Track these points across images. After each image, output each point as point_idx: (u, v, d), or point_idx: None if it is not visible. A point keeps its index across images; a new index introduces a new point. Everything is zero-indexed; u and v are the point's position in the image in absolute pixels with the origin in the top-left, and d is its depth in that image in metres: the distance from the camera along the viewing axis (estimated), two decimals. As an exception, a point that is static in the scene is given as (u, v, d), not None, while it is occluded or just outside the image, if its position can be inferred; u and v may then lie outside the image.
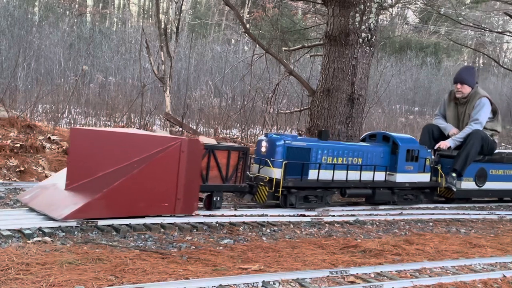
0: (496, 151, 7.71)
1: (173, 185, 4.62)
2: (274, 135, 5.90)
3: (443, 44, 31.45)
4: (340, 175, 6.03)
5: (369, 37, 7.90)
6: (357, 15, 7.82)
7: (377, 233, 5.20)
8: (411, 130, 18.31)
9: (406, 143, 6.60)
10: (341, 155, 6.12)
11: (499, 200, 8.02)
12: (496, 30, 23.66)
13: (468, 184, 7.33)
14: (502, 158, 7.76)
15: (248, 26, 12.31)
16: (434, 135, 7.71)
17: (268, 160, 5.66)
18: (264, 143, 5.85)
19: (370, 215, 5.88)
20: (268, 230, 4.80)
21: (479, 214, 6.74)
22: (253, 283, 3.22)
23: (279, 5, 16.91)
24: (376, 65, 16.26)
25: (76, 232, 4.05)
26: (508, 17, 17.01)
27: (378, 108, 17.42)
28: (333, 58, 8.01)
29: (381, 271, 3.73)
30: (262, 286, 3.22)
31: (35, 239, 3.78)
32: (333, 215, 5.63)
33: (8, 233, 3.78)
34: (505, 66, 22.45)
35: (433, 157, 7.15)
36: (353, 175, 6.15)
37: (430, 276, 3.75)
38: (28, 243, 3.68)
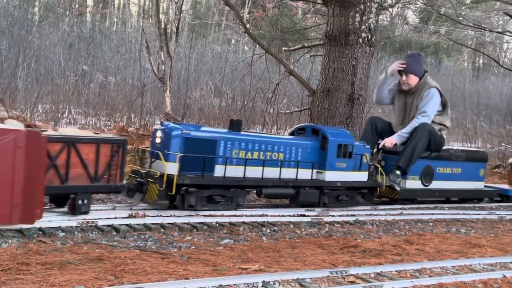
0: (444, 147, 7.15)
1: (7, 189, 3.66)
2: (172, 124, 5.13)
3: (443, 44, 31.45)
4: (254, 172, 5.33)
5: (369, 37, 7.90)
6: (357, 15, 7.82)
7: (377, 233, 5.20)
8: (411, 130, 18.29)
9: (337, 137, 5.88)
10: (257, 149, 5.40)
11: (446, 201, 7.50)
12: (496, 30, 23.64)
13: (413, 183, 6.76)
14: (451, 155, 7.17)
15: (248, 26, 12.30)
16: (377, 128, 6.99)
17: (160, 153, 4.90)
18: (159, 134, 5.06)
19: (370, 215, 5.88)
20: (268, 230, 4.80)
21: (479, 214, 6.74)
22: (253, 283, 3.21)
23: (279, 5, 16.91)
24: (376, 65, 16.25)
25: (76, 232, 4.05)
26: (508, 17, 17.01)
27: (378, 108, 17.39)
28: (333, 58, 8.01)
29: (381, 271, 3.73)
30: (262, 286, 3.22)
31: (35, 239, 3.78)
32: (333, 215, 5.63)
33: (8, 233, 3.78)
34: (505, 66, 22.43)
35: (375, 153, 6.69)
36: (272, 172, 5.47)
37: (430, 276, 3.75)
38: (28, 243, 3.68)
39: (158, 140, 5.05)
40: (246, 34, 11.75)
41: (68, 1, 27.53)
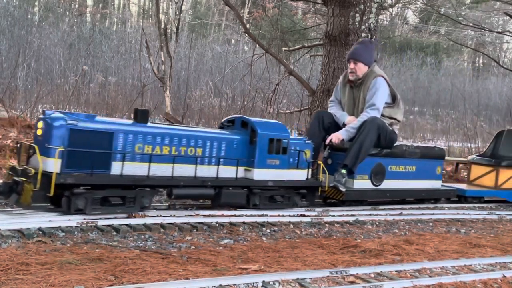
0: (397, 143, 6.60)
1: None
2: (57, 113, 4.41)
3: (443, 44, 31.47)
4: (163, 169, 4.66)
5: (369, 37, 7.90)
6: (357, 15, 7.83)
7: (377, 233, 5.20)
8: (411, 130, 18.33)
9: (268, 131, 5.25)
10: (168, 144, 4.74)
11: (401, 201, 6.98)
12: (496, 30, 23.67)
13: (362, 183, 6.19)
14: (404, 152, 6.61)
15: (248, 26, 12.31)
16: (325, 124, 6.37)
17: (36, 147, 4.19)
18: (40, 124, 4.35)
19: (370, 215, 5.88)
20: (268, 230, 4.80)
21: (479, 214, 6.73)
22: (253, 283, 3.21)
23: (279, 5, 16.91)
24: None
25: (76, 232, 4.05)
26: (508, 17, 17.01)
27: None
28: (333, 58, 8.02)
29: (381, 271, 3.73)
30: (262, 286, 3.22)
31: (35, 239, 3.78)
32: (333, 215, 5.63)
33: (8, 233, 3.78)
34: (505, 66, 22.45)
35: (322, 150, 6.20)
36: (185, 170, 4.81)
37: (430, 276, 3.75)
38: (28, 243, 3.68)
39: (39, 132, 4.33)
40: (246, 34, 11.75)
41: (68, 1, 27.53)
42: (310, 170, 5.68)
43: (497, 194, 7.90)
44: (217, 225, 4.68)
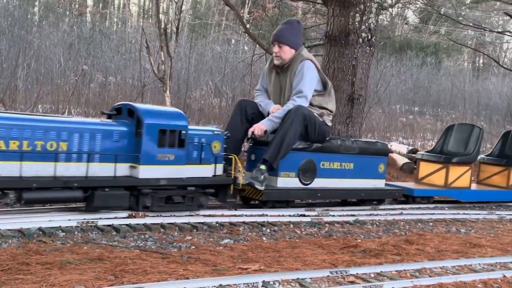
0: (332, 137, 6.02)
1: None
2: None
3: (443, 44, 31.45)
4: (8, 168, 3.85)
5: (369, 37, 7.90)
6: (357, 15, 7.83)
7: (377, 233, 5.20)
8: (411, 130, 18.32)
9: (158, 120, 4.43)
10: (15, 137, 3.87)
11: (342, 202, 6.37)
12: (496, 30, 23.67)
13: (287, 181, 5.48)
14: (339, 147, 5.88)
15: (248, 26, 12.31)
16: (248, 114, 5.67)
17: None
18: None
19: (370, 215, 5.88)
20: (268, 230, 4.80)
21: (479, 214, 6.74)
22: (253, 283, 3.21)
23: (279, 5, 16.91)
24: (376, 65, 16.27)
25: (76, 232, 4.05)
26: (508, 17, 17.02)
27: (378, 108, 17.43)
28: (333, 58, 8.02)
29: (381, 271, 3.73)
30: (262, 286, 3.22)
31: (35, 239, 3.78)
32: (333, 215, 5.63)
33: (8, 233, 3.78)
34: (505, 66, 22.46)
35: (246, 144, 5.55)
36: (41, 169, 3.98)
37: (430, 276, 3.75)
38: (28, 243, 3.68)
39: None
40: (246, 34, 11.75)
41: (68, 1, 27.53)
42: (220, 165, 4.96)
43: (447, 194, 7.30)
44: (217, 225, 4.69)
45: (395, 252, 4.35)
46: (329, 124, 5.85)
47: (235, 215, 5.07)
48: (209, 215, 4.91)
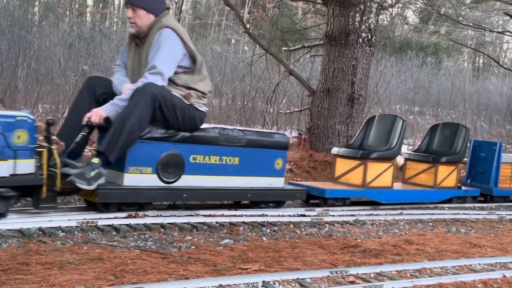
0: (208, 125, 5.06)
1: None
2: None
3: (443, 44, 31.47)
4: None
5: (369, 37, 7.91)
6: (357, 15, 7.84)
7: (377, 233, 5.20)
8: (411, 130, 18.33)
9: None
10: None
11: (235, 203, 5.47)
12: (496, 30, 23.68)
13: (140, 178, 4.45)
14: (218, 138, 4.89)
15: (248, 26, 12.31)
16: (97, 94, 4.57)
17: None
18: None
19: (370, 215, 5.88)
20: (268, 230, 4.81)
21: (479, 214, 6.74)
22: (253, 283, 3.21)
23: (279, 5, 16.92)
24: (376, 65, 16.27)
25: (76, 232, 4.05)
26: (508, 17, 17.03)
27: (378, 108, 17.41)
28: (333, 58, 8.04)
29: (381, 271, 3.73)
30: (262, 286, 3.22)
31: (35, 239, 3.78)
32: (333, 215, 5.63)
33: (8, 233, 3.79)
34: (505, 66, 22.46)
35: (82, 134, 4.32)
36: None
37: (430, 276, 3.75)
38: (28, 243, 3.68)
39: None
40: (246, 34, 11.75)
41: (68, 1, 27.54)
42: (27, 161, 3.88)
43: (365, 194, 6.40)
44: (217, 225, 4.69)
45: (395, 252, 4.35)
46: (202, 109, 4.78)
47: (235, 215, 5.07)
48: (209, 215, 4.91)
